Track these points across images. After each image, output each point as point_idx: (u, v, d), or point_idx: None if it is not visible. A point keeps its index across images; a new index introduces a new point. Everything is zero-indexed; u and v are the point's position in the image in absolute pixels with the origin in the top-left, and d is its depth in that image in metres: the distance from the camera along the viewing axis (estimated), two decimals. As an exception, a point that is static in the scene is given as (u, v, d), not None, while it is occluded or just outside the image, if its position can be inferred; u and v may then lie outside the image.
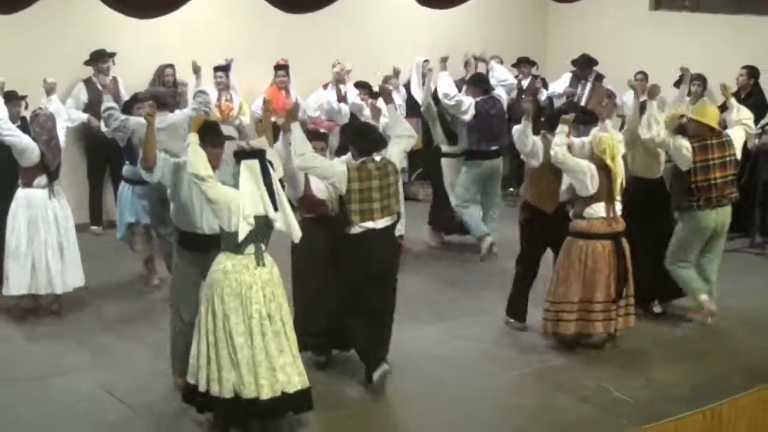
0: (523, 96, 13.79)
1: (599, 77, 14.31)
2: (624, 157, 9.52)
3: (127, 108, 10.44)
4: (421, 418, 8.13)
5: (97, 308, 10.34)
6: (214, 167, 7.44)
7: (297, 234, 7.51)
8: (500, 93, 12.16)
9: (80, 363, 9.01)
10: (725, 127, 10.28)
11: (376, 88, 11.94)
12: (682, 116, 9.91)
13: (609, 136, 9.27)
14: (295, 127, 8.05)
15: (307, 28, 11.57)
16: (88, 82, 12.48)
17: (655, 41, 14.78)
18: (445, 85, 11.84)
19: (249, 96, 13.48)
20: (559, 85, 14.61)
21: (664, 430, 7.24)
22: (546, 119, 9.89)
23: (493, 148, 11.94)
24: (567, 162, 9.10)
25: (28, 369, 8.87)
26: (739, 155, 9.94)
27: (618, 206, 9.19)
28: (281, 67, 13.51)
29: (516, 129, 9.62)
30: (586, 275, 9.14)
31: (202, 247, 7.89)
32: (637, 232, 9.43)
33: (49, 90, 10.35)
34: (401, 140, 8.55)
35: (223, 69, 12.93)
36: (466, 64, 13.01)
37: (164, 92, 10.73)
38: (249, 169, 7.28)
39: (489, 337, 9.77)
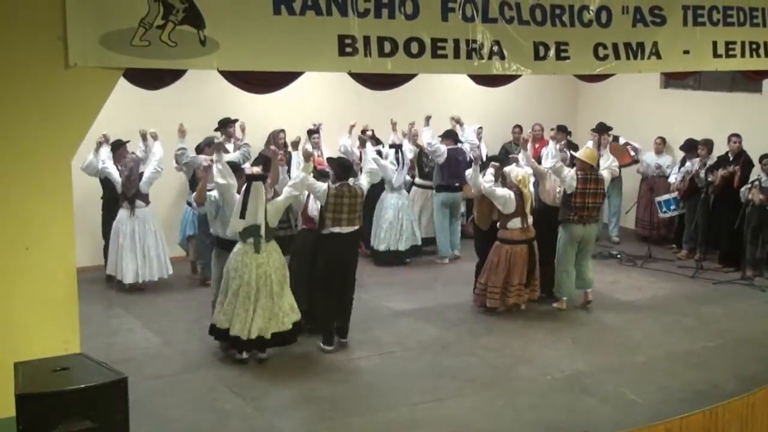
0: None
1: (615, 138, 14.23)
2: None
3: (200, 149, 11.58)
4: (469, 412, 8.11)
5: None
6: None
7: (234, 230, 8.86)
8: (465, 146, 13.23)
9: (205, 362, 9.18)
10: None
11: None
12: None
13: (524, 171, 10.59)
14: (303, 169, 9.08)
15: (383, 99, 11.64)
16: (220, 145, 12.58)
17: (664, 113, 14.71)
18: (428, 136, 12.95)
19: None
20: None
21: (671, 426, 7.16)
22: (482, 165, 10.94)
23: (456, 184, 12.88)
24: (495, 192, 10.35)
25: (165, 367, 9.04)
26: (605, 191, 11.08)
27: (530, 219, 10.46)
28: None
29: (469, 171, 10.93)
30: (509, 268, 10.38)
31: (231, 247, 8.98)
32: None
33: (153, 136, 11.29)
34: (370, 174, 9.84)
35: (316, 132, 13.06)
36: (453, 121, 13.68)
37: (211, 139, 11.43)
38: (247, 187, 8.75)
39: (525, 348, 9.74)
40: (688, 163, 13.56)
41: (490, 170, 10.50)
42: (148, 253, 11.32)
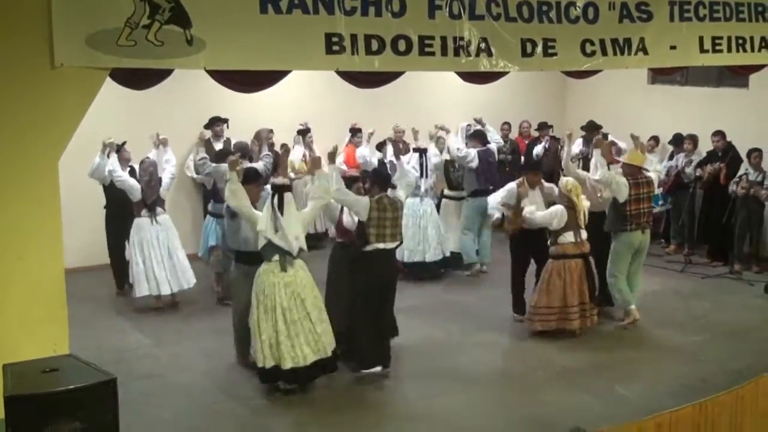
0: (547, 155, 13.86)
1: (604, 136, 14.22)
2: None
3: (222, 157, 10.49)
4: (460, 408, 8.12)
5: (211, 321, 10.43)
6: (254, 201, 8.38)
7: (294, 249, 8.10)
8: (492, 147, 12.48)
9: (195, 363, 9.16)
10: None
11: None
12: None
13: (572, 180, 9.75)
14: (334, 170, 8.57)
15: (371, 98, 11.63)
16: (207, 142, 12.54)
17: (652, 108, 14.73)
18: (456, 142, 12.22)
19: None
20: (574, 147, 14.54)
21: (662, 421, 7.16)
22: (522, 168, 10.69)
23: (490, 186, 11.99)
24: (536, 221, 9.64)
25: (155, 367, 9.04)
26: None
27: (584, 233, 9.63)
28: (356, 130, 13.56)
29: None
30: (564, 287, 9.55)
31: (251, 261, 8.41)
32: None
33: (163, 143, 10.95)
34: (405, 186, 9.22)
35: (308, 131, 13.04)
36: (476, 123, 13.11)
37: (245, 146, 11.17)
38: (271, 199, 8.09)
39: (516, 345, 9.75)
40: (674, 159, 13.62)
41: (530, 202, 9.83)
42: (177, 261, 10.77)
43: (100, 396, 5.07)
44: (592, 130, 14.00)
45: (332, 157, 8.80)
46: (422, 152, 12.04)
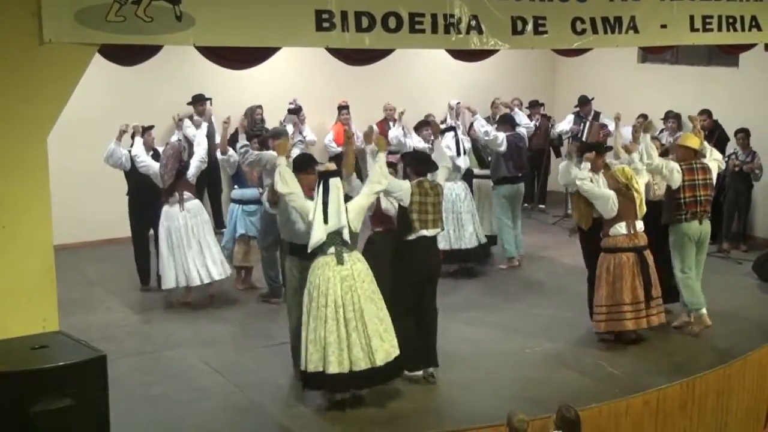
0: (537, 133, 13.82)
1: (596, 115, 14.27)
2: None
3: (265, 142, 10.08)
4: (451, 385, 8.15)
5: (201, 297, 10.39)
6: (311, 189, 7.64)
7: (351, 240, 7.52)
8: (522, 131, 12.11)
9: (185, 340, 9.17)
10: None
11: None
12: (662, 145, 9.79)
13: (625, 165, 9.09)
14: (381, 156, 7.88)
15: (362, 76, 11.59)
16: (190, 119, 12.47)
17: (642, 87, 14.73)
18: (482, 126, 11.78)
19: (318, 130, 13.54)
20: (565, 124, 14.58)
21: (649, 398, 7.23)
22: (578, 151, 9.53)
23: (519, 174, 11.83)
24: (592, 191, 8.94)
25: (145, 344, 9.07)
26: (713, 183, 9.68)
27: (639, 224, 8.97)
28: (344, 107, 13.54)
29: (561, 166, 9.47)
30: (614, 282, 8.87)
31: (305, 254, 7.65)
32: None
33: (197, 124, 10.69)
34: (444, 169, 8.56)
35: (299, 110, 12.98)
36: (493, 105, 12.90)
37: (282, 131, 10.40)
38: (318, 186, 7.51)
39: (510, 324, 9.78)
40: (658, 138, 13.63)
41: (585, 164, 9.06)
42: (209, 249, 10.13)
43: (90, 373, 5.10)
44: (585, 103, 14.14)
45: (368, 138, 8.10)
46: (453, 130, 11.55)
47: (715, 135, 12.81)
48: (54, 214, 6.30)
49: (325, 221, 7.36)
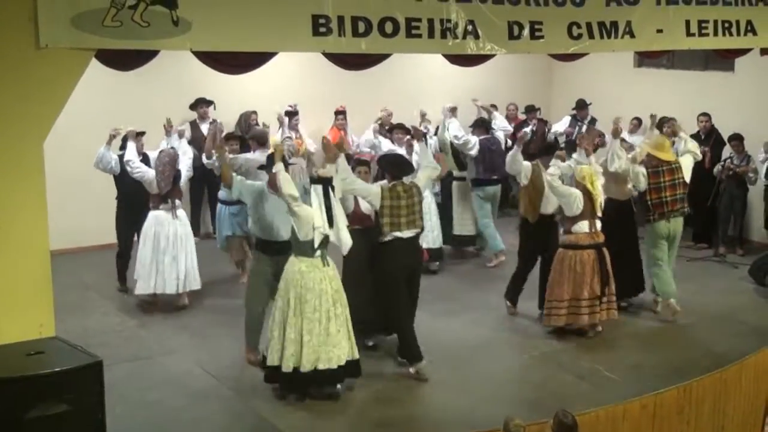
0: (534, 137, 13.78)
1: (593, 121, 14.28)
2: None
3: (245, 143, 10.29)
4: (448, 389, 8.14)
5: (196, 301, 10.38)
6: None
7: (346, 247, 7.82)
8: (499, 135, 12.36)
9: (180, 345, 9.14)
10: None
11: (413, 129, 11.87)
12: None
13: (588, 166, 9.38)
14: (341, 159, 8.09)
15: (358, 81, 11.57)
16: (192, 123, 12.50)
17: (638, 92, 14.74)
18: (455, 128, 11.98)
19: (316, 135, 13.49)
20: (560, 126, 14.58)
21: (647, 402, 7.21)
22: (540, 151, 10.12)
23: (494, 177, 12.03)
24: (559, 189, 9.21)
25: (141, 349, 9.03)
26: (687, 178, 10.05)
27: (598, 223, 9.28)
28: (340, 113, 13.52)
29: (509, 154, 10.02)
30: (575, 278, 9.17)
31: (277, 251, 8.10)
32: (610, 242, 9.41)
33: (180, 134, 10.50)
34: (427, 170, 8.87)
35: (296, 113, 12.98)
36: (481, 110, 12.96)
37: (261, 133, 10.49)
38: (316, 192, 7.64)
39: (503, 326, 9.76)
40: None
41: (555, 161, 9.43)
42: (190, 261, 10.11)
43: (86, 379, 5.08)
44: (582, 107, 14.16)
45: (334, 150, 8.17)
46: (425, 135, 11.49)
47: (712, 139, 12.84)
48: (49, 219, 6.28)
49: (331, 225, 7.64)
